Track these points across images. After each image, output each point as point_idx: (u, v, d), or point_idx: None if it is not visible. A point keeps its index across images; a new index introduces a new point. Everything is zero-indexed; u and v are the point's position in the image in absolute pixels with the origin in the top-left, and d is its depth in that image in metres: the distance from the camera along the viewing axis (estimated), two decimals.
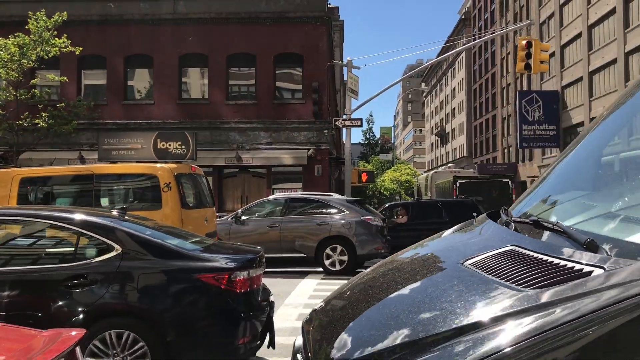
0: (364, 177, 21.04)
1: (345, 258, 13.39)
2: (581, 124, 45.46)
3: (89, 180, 10.31)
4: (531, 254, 1.88)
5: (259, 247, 6.50)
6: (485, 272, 1.86)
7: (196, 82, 26.24)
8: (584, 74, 43.60)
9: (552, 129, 50.04)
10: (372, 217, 13.72)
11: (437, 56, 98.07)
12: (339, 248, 13.38)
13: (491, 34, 62.84)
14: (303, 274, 13.35)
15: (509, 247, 2.03)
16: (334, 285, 11.66)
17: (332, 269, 13.48)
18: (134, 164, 10.20)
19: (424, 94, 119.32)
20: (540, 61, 16.46)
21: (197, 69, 25.94)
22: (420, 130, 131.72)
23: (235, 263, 5.36)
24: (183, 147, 11.09)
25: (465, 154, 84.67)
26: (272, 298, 6.13)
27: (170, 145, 10.99)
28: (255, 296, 5.54)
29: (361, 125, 19.87)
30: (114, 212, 6.32)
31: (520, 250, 1.96)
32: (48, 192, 10.92)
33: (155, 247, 5.40)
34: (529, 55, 16.30)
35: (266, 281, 6.16)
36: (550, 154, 52.61)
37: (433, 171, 36.60)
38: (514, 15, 63.89)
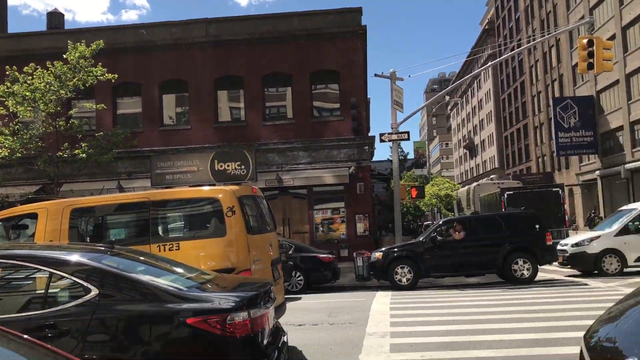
0: (414, 193, 20.24)
1: None
2: (620, 128, 44.09)
3: (144, 208, 9.72)
4: None
5: (268, 280, 5.62)
6: None
7: (232, 105, 25.88)
8: (621, 77, 42.29)
9: (589, 135, 48.66)
10: None
11: (462, 68, 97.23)
12: None
13: (545, 35, 62.06)
14: None
15: None
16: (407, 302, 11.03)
17: None
18: (193, 188, 9.59)
19: (449, 107, 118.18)
20: (603, 59, 15.62)
21: (233, 91, 25.59)
22: (447, 143, 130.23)
23: (232, 302, 4.53)
24: (242, 167, 10.53)
25: (496, 166, 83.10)
26: (285, 338, 5.33)
27: (229, 165, 10.41)
28: (259, 341, 4.69)
29: (409, 139, 19.16)
30: (100, 247, 5.55)
31: None
32: (100, 223, 10.36)
33: (139, 287, 4.62)
34: (591, 55, 15.48)
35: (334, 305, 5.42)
36: (588, 160, 51.14)
37: (475, 184, 35.57)
38: (540, 23, 62.85)
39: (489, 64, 23.80)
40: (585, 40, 15.77)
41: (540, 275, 16.90)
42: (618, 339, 2.06)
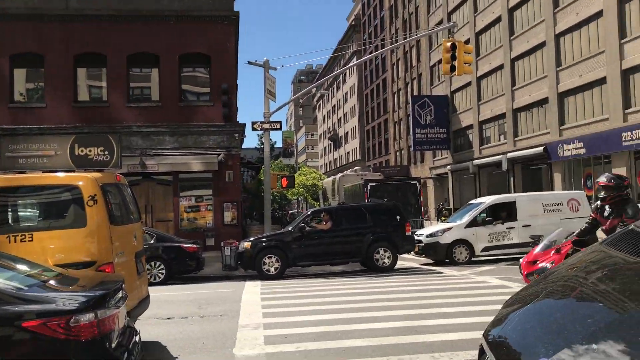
0: (284, 182, 20.31)
1: None
2: (470, 126, 47.72)
3: None
4: None
5: (120, 277, 5.35)
6: None
7: (93, 83, 24.18)
8: (472, 79, 45.68)
9: (443, 132, 52.15)
10: None
11: (329, 61, 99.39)
12: None
13: (407, 35, 64.79)
14: None
15: None
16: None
17: None
18: (50, 174, 8.73)
19: (315, 99, 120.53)
20: (464, 62, 16.68)
21: (95, 70, 23.90)
22: (313, 134, 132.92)
23: (77, 303, 4.19)
24: (106, 152, 9.77)
25: (358, 157, 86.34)
26: (137, 338, 5.09)
27: (90, 151, 9.62)
28: (106, 343, 4.36)
29: (281, 129, 19.16)
30: None
31: None
32: None
33: None
34: (453, 57, 16.47)
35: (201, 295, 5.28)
36: (441, 155, 54.81)
37: (340, 175, 36.63)
38: (403, 23, 66.02)
39: (353, 63, 24.59)
40: (449, 44, 16.77)
41: (400, 264, 17.80)
42: (520, 335, 2.10)
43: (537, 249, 6.60)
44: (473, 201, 19.90)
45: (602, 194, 6.54)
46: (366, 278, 14.82)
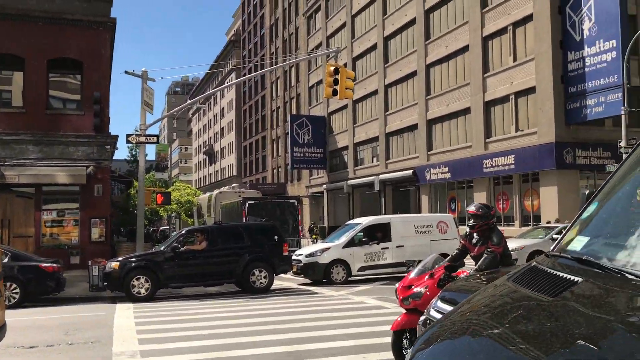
0: (159, 199, 19.44)
1: None
2: (345, 147, 49.21)
3: None
4: None
5: None
6: None
7: None
8: (349, 102, 47.23)
9: (319, 152, 53.31)
10: None
11: (207, 74, 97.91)
12: None
13: (287, 56, 65.18)
14: None
15: None
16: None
17: None
18: None
19: (191, 112, 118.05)
20: (346, 87, 17.10)
21: None
22: (187, 147, 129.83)
23: None
24: None
25: (235, 174, 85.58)
26: None
27: None
28: None
29: (157, 142, 18.41)
30: None
31: None
32: None
33: None
34: (336, 82, 16.83)
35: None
36: (318, 174, 55.90)
37: (217, 191, 35.94)
38: (283, 42, 66.91)
39: (232, 82, 24.35)
40: (332, 68, 17.14)
41: (278, 284, 17.74)
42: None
43: (412, 274, 6.82)
44: (351, 221, 20.36)
45: (471, 222, 6.84)
46: (245, 300, 14.56)
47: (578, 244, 2.52)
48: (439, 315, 5.07)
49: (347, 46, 48.11)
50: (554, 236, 19.63)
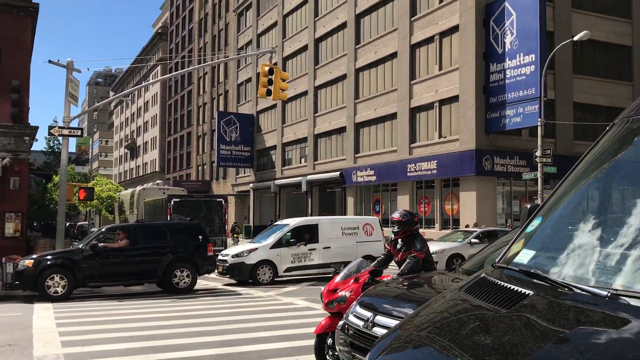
0: (82, 194, 18.67)
1: None
2: (274, 147, 49.17)
3: None
4: None
5: None
6: None
7: None
8: (278, 102, 47.21)
9: (247, 150, 52.98)
10: None
11: (131, 66, 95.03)
12: None
13: (216, 51, 64.11)
14: None
15: None
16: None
17: None
18: None
19: (113, 104, 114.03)
20: (280, 89, 17.12)
21: None
22: (107, 141, 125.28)
23: None
24: None
25: (157, 169, 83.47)
26: None
27: None
28: None
29: (81, 135, 17.71)
30: None
31: None
32: None
33: None
34: (270, 82, 16.81)
35: None
36: (244, 173, 55.52)
37: (140, 187, 34.81)
38: (212, 37, 65.94)
39: (158, 78, 23.83)
40: (267, 68, 17.12)
41: (204, 284, 17.53)
42: None
43: (338, 278, 6.88)
44: (279, 222, 20.41)
45: (395, 229, 6.99)
46: (170, 300, 14.31)
47: (524, 257, 2.70)
48: (357, 321, 5.10)
49: (278, 45, 48.07)
50: (472, 240, 20.50)
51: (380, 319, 4.96)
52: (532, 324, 2.12)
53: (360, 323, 5.12)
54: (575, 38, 23.79)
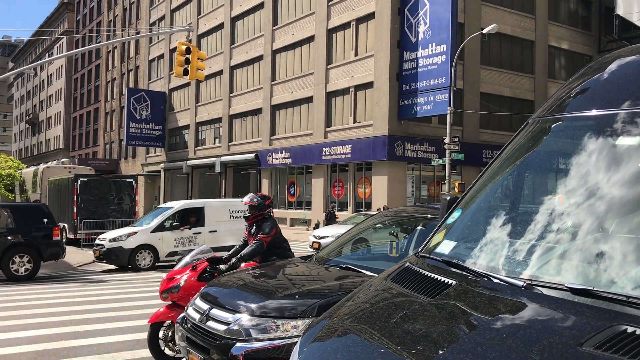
0: None
1: None
2: (187, 126, 48.06)
3: None
4: None
5: None
6: None
7: None
8: (193, 81, 46.10)
9: (158, 129, 51.46)
10: None
11: (34, 36, 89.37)
12: None
13: (126, 24, 61.27)
14: None
15: None
16: None
17: None
18: None
19: (12, 76, 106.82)
20: (197, 68, 16.69)
21: None
22: (6, 115, 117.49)
23: None
24: None
25: (62, 146, 79.38)
26: None
27: None
28: None
29: None
30: None
31: None
32: None
33: None
34: (187, 61, 16.34)
35: None
36: (155, 152, 53.95)
37: (44, 166, 32.91)
38: (122, 10, 63.14)
39: (63, 53, 22.60)
40: (184, 47, 16.65)
41: (81, 270, 16.81)
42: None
43: (177, 266, 6.49)
44: (163, 205, 19.45)
45: (247, 213, 6.94)
46: (5, 289, 13.42)
47: (446, 247, 2.84)
48: (195, 314, 4.84)
49: (193, 22, 46.81)
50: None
51: (215, 312, 4.65)
52: (457, 313, 2.24)
53: (197, 316, 4.80)
54: (485, 31, 24.87)
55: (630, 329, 1.86)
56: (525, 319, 2.07)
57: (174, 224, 17.19)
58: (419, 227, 5.68)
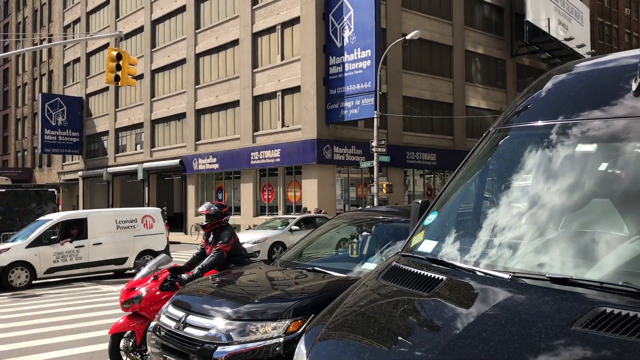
0: None
1: None
2: (106, 132, 46.51)
3: None
4: None
5: None
6: None
7: None
8: (111, 85, 44.68)
9: (75, 136, 49.51)
10: None
11: None
12: None
13: (37, 26, 58.38)
14: None
15: None
16: None
17: None
18: None
19: None
20: (128, 74, 16.26)
21: None
22: None
23: None
24: None
25: None
26: None
27: None
28: None
29: None
30: None
31: None
32: None
33: None
34: (118, 67, 15.89)
35: None
36: (72, 160, 51.86)
37: None
38: (33, 12, 60.27)
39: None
40: (115, 53, 16.18)
41: None
42: None
43: (137, 276, 6.46)
44: (42, 218, 17.82)
45: (204, 222, 6.85)
46: None
47: (427, 246, 3.09)
48: (169, 322, 4.90)
49: (110, 25, 45.41)
50: (293, 227, 20.83)
51: (193, 318, 4.73)
52: (454, 305, 2.49)
53: (172, 324, 4.84)
54: (409, 37, 25.75)
55: (608, 310, 2.18)
56: (518, 306, 2.35)
57: (53, 237, 16.16)
58: (373, 229, 5.98)
